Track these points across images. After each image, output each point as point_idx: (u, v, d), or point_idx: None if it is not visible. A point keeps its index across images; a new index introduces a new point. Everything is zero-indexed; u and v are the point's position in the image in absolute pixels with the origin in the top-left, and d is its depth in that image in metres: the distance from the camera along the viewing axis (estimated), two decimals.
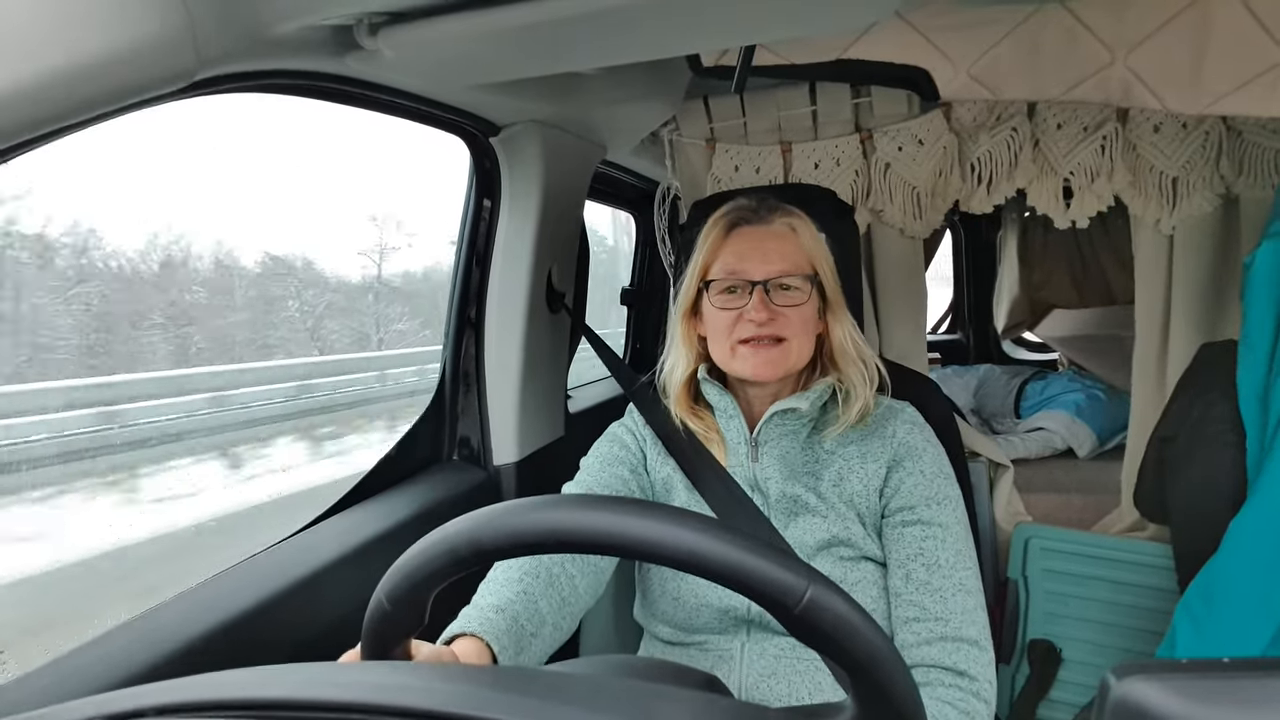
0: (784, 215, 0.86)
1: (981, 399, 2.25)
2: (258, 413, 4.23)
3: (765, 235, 0.85)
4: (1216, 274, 1.17)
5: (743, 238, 0.85)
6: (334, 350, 5.49)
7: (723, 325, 0.84)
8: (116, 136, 0.68)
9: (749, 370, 0.83)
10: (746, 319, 0.82)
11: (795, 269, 0.84)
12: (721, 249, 0.86)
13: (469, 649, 0.60)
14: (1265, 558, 0.87)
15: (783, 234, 0.85)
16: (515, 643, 0.64)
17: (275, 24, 0.67)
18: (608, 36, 0.77)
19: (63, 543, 2.52)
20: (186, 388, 3.83)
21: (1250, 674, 0.25)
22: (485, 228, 1.19)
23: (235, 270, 4.97)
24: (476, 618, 0.64)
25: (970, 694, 0.74)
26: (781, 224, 0.86)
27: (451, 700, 0.29)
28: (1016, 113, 1.20)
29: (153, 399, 3.56)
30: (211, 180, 5.16)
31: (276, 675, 0.32)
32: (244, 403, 4.15)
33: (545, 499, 0.40)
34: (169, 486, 3.29)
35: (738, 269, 0.84)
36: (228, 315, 4.91)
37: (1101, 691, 0.26)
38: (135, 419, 3.37)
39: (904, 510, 0.82)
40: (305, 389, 4.64)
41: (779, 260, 0.83)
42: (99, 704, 0.31)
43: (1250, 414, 0.98)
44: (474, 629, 0.62)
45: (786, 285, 0.83)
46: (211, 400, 3.91)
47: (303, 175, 8.48)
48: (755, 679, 0.80)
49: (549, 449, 1.30)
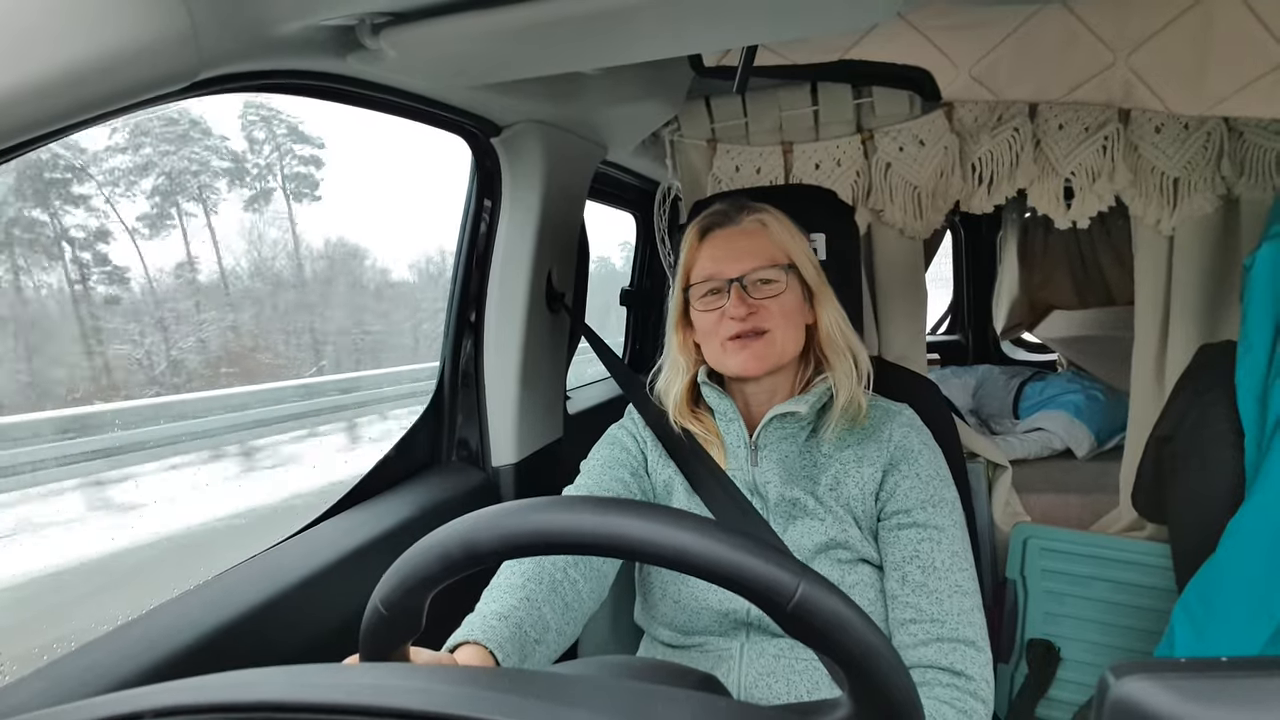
0: (752, 213, 0.88)
1: (980, 400, 2.24)
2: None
3: (736, 235, 0.87)
4: (1216, 275, 1.17)
5: (715, 241, 0.88)
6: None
7: (710, 326, 0.87)
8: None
9: (738, 366, 0.85)
10: (728, 317, 0.84)
11: (768, 261, 0.85)
12: (698, 255, 0.89)
13: (472, 656, 0.60)
14: (1263, 558, 0.87)
15: (753, 231, 0.87)
16: (519, 649, 0.64)
17: (277, 24, 0.67)
18: (609, 37, 0.77)
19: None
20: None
21: (1248, 673, 0.25)
22: (486, 228, 1.19)
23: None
24: (479, 625, 0.64)
25: (968, 694, 0.74)
26: (751, 221, 0.88)
27: (449, 701, 0.29)
28: (1018, 113, 1.20)
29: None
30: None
31: (275, 677, 0.32)
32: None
33: (536, 501, 0.40)
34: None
35: (714, 271, 0.86)
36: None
37: (1100, 691, 0.26)
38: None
39: (900, 513, 0.82)
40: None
41: (750, 257, 0.85)
42: (97, 706, 0.31)
43: (1249, 415, 0.98)
44: (477, 636, 0.62)
45: (764, 279, 0.85)
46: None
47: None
48: (754, 679, 0.81)
49: (548, 450, 1.30)
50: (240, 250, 9.87)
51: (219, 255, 9.31)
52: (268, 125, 10.31)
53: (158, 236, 8.86)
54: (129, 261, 8.24)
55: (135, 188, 8.81)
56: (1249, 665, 0.25)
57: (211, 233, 9.27)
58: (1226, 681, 0.25)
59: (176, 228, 9.02)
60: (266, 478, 4.67)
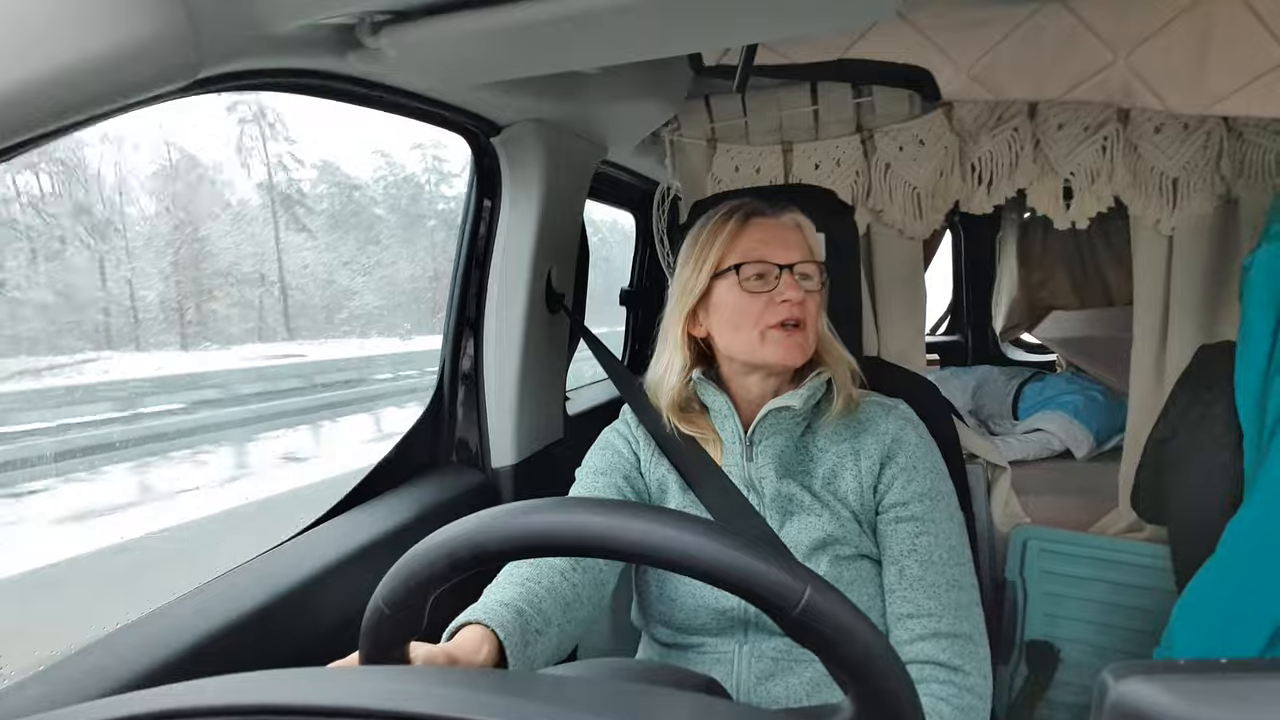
0: (791, 211, 0.89)
1: (980, 400, 2.25)
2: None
3: (780, 226, 0.87)
4: (1215, 275, 1.17)
5: (761, 227, 0.86)
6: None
7: (752, 311, 0.84)
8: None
9: (780, 355, 0.83)
10: (779, 301, 0.82)
11: (810, 256, 0.86)
12: (740, 237, 0.86)
13: (475, 635, 0.60)
14: (1262, 559, 0.87)
15: (793, 226, 0.88)
16: (521, 635, 0.63)
17: (277, 23, 0.67)
18: (609, 36, 0.77)
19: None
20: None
21: (1247, 675, 0.25)
22: (485, 228, 1.19)
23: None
24: (481, 609, 0.64)
25: (964, 689, 0.74)
26: (790, 218, 0.88)
27: (450, 705, 0.29)
28: (1018, 113, 1.20)
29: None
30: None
31: (276, 681, 0.32)
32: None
33: (543, 502, 0.40)
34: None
35: (764, 254, 0.84)
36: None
37: (1099, 692, 0.26)
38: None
39: (897, 506, 0.83)
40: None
41: (797, 249, 0.85)
42: (96, 710, 0.31)
43: (1248, 415, 0.98)
44: (479, 617, 0.62)
45: (806, 274, 0.85)
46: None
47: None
48: (753, 681, 0.81)
49: (547, 451, 1.30)
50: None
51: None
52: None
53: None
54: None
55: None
56: (1248, 667, 0.26)
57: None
58: (1225, 683, 0.25)
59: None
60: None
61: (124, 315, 5.64)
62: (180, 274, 6.58)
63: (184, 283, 6.58)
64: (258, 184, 8.26)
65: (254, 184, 8.23)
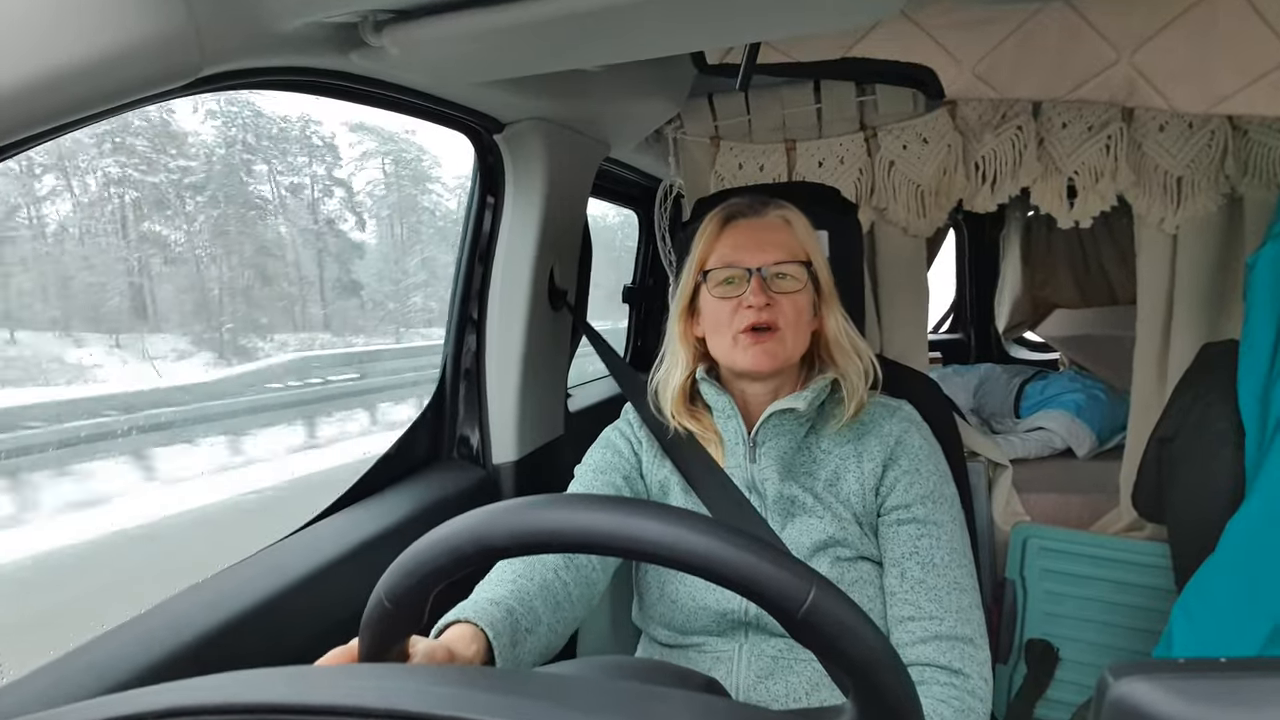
0: (777, 209, 0.88)
1: (981, 398, 2.24)
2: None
3: (760, 227, 0.86)
4: (1219, 274, 1.17)
5: (738, 230, 0.86)
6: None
7: (722, 316, 0.85)
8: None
9: (749, 361, 0.83)
10: (744, 306, 0.83)
11: (790, 256, 0.85)
12: (718, 242, 0.87)
13: (464, 633, 0.60)
14: (1262, 558, 0.87)
15: (777, 225, 0.86)
16: (510, 633, 0.63)
17: (279, 21, 0.67)
18: (612, 34, 0.77)
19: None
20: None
21: (1246, 674, 0.25)
22: (488, 225, 1.19)
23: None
24: (471, 607, 0.64)
25: (965, 692, 0.74)
26: (775, 216, 0.87)
27: (448, 703, 0.29)
28: (1021, 111, 1.20)
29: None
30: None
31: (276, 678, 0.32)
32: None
33: (549, 497, 0.40)
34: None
35: (734, 259, 0.84)
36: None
37: (1099, 691, 0.27)
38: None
39: (900, 509, 0.82)
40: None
41: (774, 249, 0.84)
42: (95, 708, 0.31)
43: (1250, 415, 0.98)
44: (468, 615, 0.62)
45: (782, 274, 0.84)
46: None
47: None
48: (753, 680, 0.81)
49: (548, 448, 1.30)
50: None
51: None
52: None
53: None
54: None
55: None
56: (1247, 666, 0.26)
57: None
58: (1225, 682, 0.25)
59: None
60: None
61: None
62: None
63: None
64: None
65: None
